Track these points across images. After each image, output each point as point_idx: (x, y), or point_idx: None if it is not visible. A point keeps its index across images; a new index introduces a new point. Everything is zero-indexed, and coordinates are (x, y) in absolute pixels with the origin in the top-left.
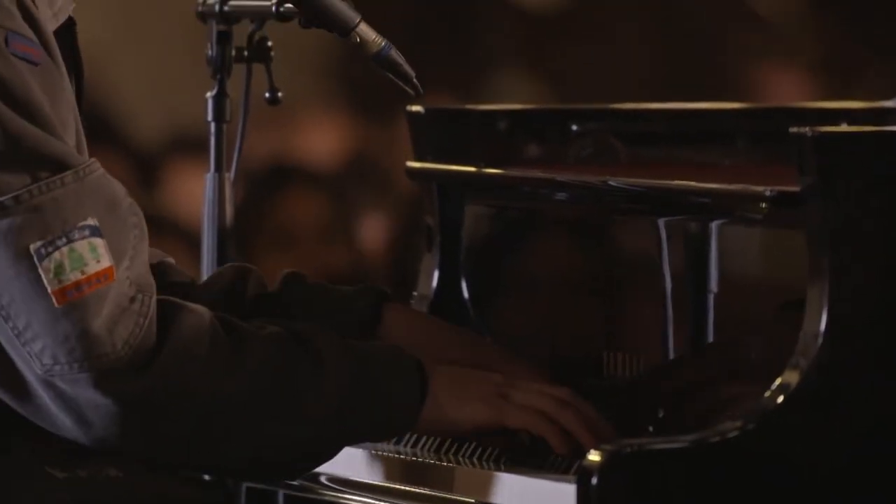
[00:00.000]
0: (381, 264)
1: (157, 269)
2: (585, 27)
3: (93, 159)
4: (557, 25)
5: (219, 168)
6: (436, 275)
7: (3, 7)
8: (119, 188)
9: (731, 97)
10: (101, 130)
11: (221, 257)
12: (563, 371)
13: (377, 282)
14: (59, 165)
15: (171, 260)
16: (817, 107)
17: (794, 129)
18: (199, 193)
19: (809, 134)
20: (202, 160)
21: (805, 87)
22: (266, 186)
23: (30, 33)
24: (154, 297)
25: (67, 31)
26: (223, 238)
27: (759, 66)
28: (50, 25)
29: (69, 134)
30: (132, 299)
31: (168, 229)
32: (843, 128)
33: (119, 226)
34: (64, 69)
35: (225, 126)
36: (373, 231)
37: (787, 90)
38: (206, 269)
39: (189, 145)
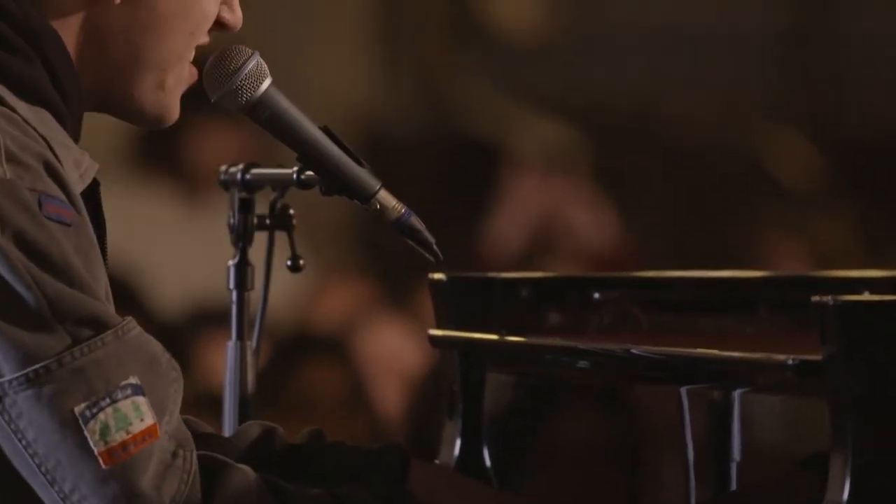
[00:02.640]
0: (402, 432)
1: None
2: (604, 196)
3: (129, 318)
4: (577, 192)
5: (240, 336)
6: (458, 443)
7: (31, 169)
8: (156, 345)
9: (752, 265)
10: (123, 297)
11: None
12: None
13: None
14: (99, 325)
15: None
16: (838, 275)
17: (816, 298)
18: (220, 361)
19: (832, 303)
20: (224, 328)
21: (825, 257)
22: (287, 353)
23: (60, 194)
24: (194, 452)
25: (92, 193)
26: (245, 405)
27: (780, 235)
28: (77, 188)
29: (102, 291)
30: (174, 454)
31: (189, 396)
32: (866, 296)
33: (160, 382)
34: (91, 227)
35: (247, 294)
36: (393, 399)
37: (807, 259)
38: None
39: (211, 313)
